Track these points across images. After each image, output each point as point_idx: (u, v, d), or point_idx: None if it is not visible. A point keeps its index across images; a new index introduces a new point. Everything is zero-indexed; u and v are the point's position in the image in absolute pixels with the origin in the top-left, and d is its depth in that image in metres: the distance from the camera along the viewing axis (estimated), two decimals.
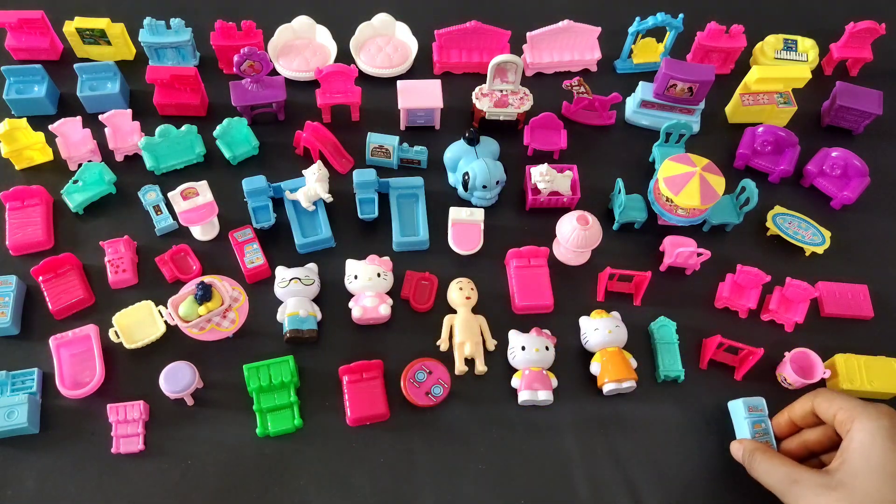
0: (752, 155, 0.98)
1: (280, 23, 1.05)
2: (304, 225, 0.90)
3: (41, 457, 0.75)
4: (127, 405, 0.76)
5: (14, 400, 0.75)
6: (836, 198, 0.96)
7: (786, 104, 1.01)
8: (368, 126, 0.97)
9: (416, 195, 0.93)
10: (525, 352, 0.79)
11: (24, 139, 0.91)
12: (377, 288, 0.84)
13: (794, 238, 0.92)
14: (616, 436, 0.79)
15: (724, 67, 1.08)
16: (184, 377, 0.76)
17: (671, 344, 0.83)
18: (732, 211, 0.92)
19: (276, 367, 0.78)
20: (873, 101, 0.99)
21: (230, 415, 0.78)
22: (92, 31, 1.00)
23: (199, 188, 0.87)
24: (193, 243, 0.88)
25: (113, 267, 0.85)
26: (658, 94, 0.98)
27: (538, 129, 0.98)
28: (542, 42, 1.06)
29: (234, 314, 0.80)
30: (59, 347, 0.79)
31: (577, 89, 0.98)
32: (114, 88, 0.97)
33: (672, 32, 1.03)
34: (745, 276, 0.86)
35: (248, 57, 0.91)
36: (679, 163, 0.86)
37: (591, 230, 0.84)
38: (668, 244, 0.89)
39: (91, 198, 0.90)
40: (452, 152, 0.94)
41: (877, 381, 0.80)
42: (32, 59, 1.02)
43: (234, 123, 0.95)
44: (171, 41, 1.00)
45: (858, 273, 0.91)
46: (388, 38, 1.07)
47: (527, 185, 0.93)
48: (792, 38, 1.09)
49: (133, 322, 0.81)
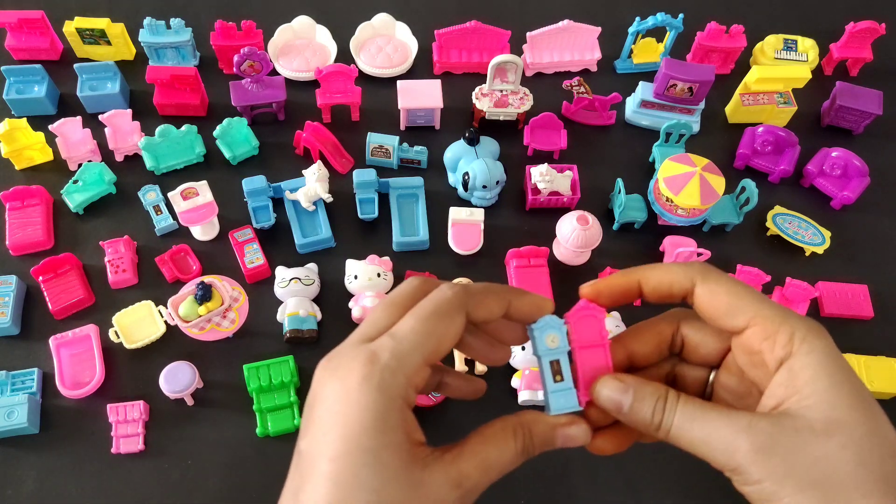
0: (752, 155, 0.98)
1: (280, 23, 1.05)
2: (304, 225, 0.90)
3: (41, 457, 0.75)
4: (127, 405, 0.76)
5: (14, 400, 0.75)
6: (836, 198, 0.96)
7: (786, 104, 1.01)
8: (368, 126, 0.97)
9: (416, 195, 0.93)
10: (525, 352, 0.79)
11: (24, 139, 0.91)
12: (377, 288, 0.84)
13: (794, 238, 0.92)
14: None
15: (724, 67, 1.08)
16: (184, 377, 0.76)
17: None
18: (732, 211, 0.92)
19: (276, 367, 0.78)
20: (873, 101, 0.99)
21: (230, 415, 0.78)
22: (92, 31, 1.00)
23: (199, 188, 0.87)
24: (193, 243, 0.88)
25: (113, 267, 0.85)
26: (658, 94, 0.98)
27: (538, 129, 0.98)
28: (542, 42, 1.06)
29: (234, 314, 0.80)
30: (59, 347, 0.79)
31: (577, 89, 0.98)
32: (114, 88, 0.97)
33: (672, 32, 1.03)
34: (745, 276, 0.86)
35: (248, 57, 0.91)
36: (679, 163, 0.86)
37: (591, 230, 0.84)
38: (668, 244, 0.89)
39: (91, 198, 0.90)
40: (452, 152, 0.94)
41: (877, 381, 0.80)
42: (32, 59, 1.02)
43: (234, 123, 0.95)
44: (171, 41, 1.00)
45: (858, 273, 0.91)
46: (388, 38, 1.07)
47: (527, 185, 0.93)
48: (792, 38, 1.09)
49: (133, 322, 0.81)
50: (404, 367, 0.37)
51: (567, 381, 0.42)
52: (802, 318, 0.39)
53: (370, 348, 0.38)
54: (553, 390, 0.42)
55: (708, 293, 0.40)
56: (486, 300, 0.40)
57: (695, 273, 0.40)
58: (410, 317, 0.39)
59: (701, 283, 0.40)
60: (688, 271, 0.40)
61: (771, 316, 0.38)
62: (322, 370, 0.40)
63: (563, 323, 0.42)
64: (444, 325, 0.38)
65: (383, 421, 0.36)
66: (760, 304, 0.39)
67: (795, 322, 0.38)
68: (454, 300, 0.39)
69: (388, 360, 0.37)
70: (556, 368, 0.43)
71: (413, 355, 0.37)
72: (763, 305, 0.39)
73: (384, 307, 0.40)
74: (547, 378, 0.42)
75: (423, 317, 0.38)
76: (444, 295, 0.39)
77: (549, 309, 0.43)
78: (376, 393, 0.36)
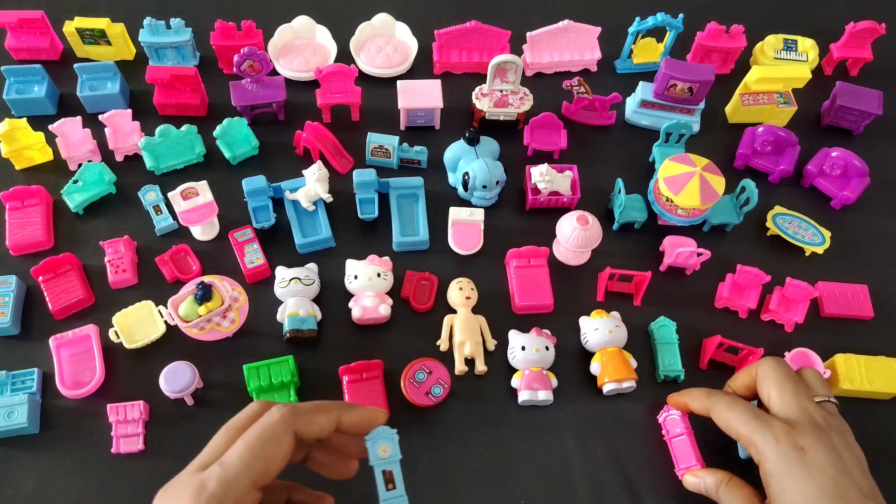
0: (752, 155, 0.98)
1: (280, 23, 1.05)
2: (304, 225, 0.90)
3: (41, 457, 0.75)
4: (127, 405, 0.76)
5: (14, 400, 0.75)
6: (836, 198, 0.96)
7: (786, 104, 1.01)
8: (368, 126, 0.97)
9: (416, 195, 0.93)
10: (525, 352, 0.79)
11: (24, 139, 0.91)
12: (377, 288, 0.84)
13: (794, 238, 0.92)
14: (616, 436, 0.79)
15: (724, 67, 1.08)
16: (184, 377, 0.76)
17: (671, 344, 0.83)
18: (732, 211, 0.92)
19: (276, 367, 0.78)
20: (873, 101, 0.99)
21: (230, 415, 0.77)
22: (92, 31, 1.00)
23: (199, 188, 0.87)
24: (193, 243, 0.88)
25: (113, 267, 0.85)
26: (658, 94, 0.98)
27: (538, 129, 0.98)
28: (542, 42, 1.06)
29: (234, 314, 0.80)
30: (59, 347, 0.79)
31: (577, 89, 0.98)
32: (114, 88, 0.97)
33: (672, 32, 1.03)
34: (745, 276, 0.86)
35: (248, 57, 0.91)
36: (679, 163, 0.86)
37: (591, 230, 0.84)
38: (668, 244, 0.89)
39: (91, 198, 0.90)
40: (452, 152, 0.94)
41: (877, 381, 0.80)
42: (32, 59, 1.02)
43: (234, 123, 0.95)
44: (171, 41, 1.00)
45: (858, 273, 0.91)
46: (388, 38, 1.07)
47: (527, 185, 0.93)
48: (792, 38, 1.09)
49: (133, 322, 0.81)
50: (231, 493, 0.41)
51: (399, 488, 0.45)
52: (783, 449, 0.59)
53: (199, 478, 0.42)
54: (385, 499, 0.45)
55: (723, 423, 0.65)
56: (315, 418, 0.44)
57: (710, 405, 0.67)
58: (240, 443, 0.42)
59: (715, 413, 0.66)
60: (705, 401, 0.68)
61: None
62: (158, 500, 0.44)
63: (394, 433, 0.46)
64: (270, 447, 0.42)
65: None
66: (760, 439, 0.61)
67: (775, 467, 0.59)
68: (280, 422, 0.42)
69: (215, 489, 0.40)
70: (389, 477, 0.46)
71: (240, 481, 0.41)
72: (743, 425, 0.63)
73: (223, 432, 0.45)
74: (380, 487, 0.45)
75: (249, 442, 0.42)
76: (272, 418, 0.43)
77: (381, 420, 0.47)
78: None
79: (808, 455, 0.58)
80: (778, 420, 0.61)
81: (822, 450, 0.58)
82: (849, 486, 0.56)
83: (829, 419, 0.64)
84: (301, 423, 0.43)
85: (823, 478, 0.56)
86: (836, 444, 0.60)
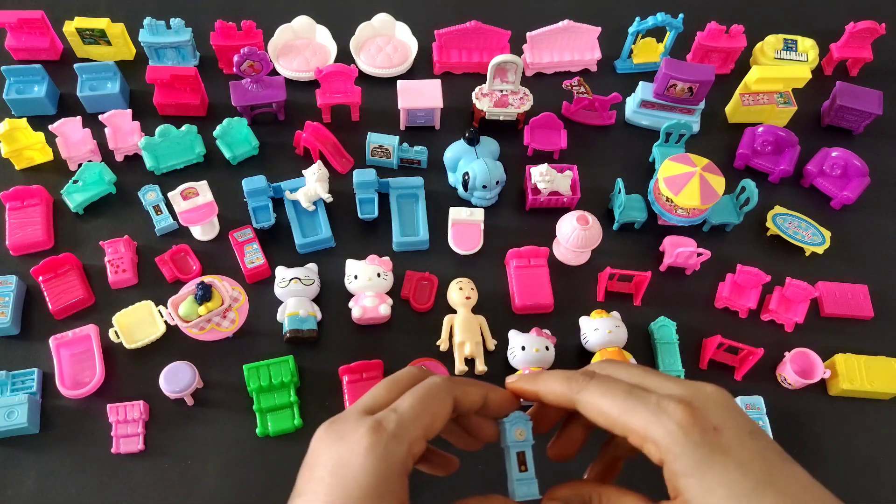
0: (752, 155, 0.98)
1: (280, 23, 1.05)
2: (304, 225, 0.90)
3: (41, 457, 0.75)
4: (127, 405, 0.76)
5: (14, 400, 0.75)
6: (836, 198, 0.96)
7: (786, 104, 1.01)
8: (368, 126, 0.97)
9: (416, 195, 0.93)
10: (525, 352, 0.79)
11: (24, 139, 0.91)
12: (377, 288, 0.84)
13: (794, 238, 0.92)
14: None
15: (724, 67, 1.08)
16: (184, 377, 0.76)
17: (671, 344, 0.83)
18: (732, 211, 0.92)
19: (276, 367, 0.78)
20: (873, 101, 0.99)
21: (230, 415, 0.78)
22: (92, 31, 1.00)
23: (199, 188, 0.87)
24: (193, 243, 0.88)
25: (113, 267, 0.85)
26: (658, 94, 0.98)
27: (538, 129, 0.98)
28: (542, 42, 1.06)
29: (234, 314, 0.80)
30: (59, 347, 0.79)
31: (577, 89, 0.98)
32: (114, 88, 0.97)
33: (672, 32, 1.03)
34: (745, 276, 0.86)
35: (248, 57, 0.91)
36: (679, 163, 0.86)
37: (591, 230, 0.84)
38: (668, 244, 0.89)
39: (91, 198, 0.90)
40: (452, 152, 0.94)
41: (877, 381, 0.80)
42: (32, 59, 1.02)
43: (234, 123, 0.95)
44: (171, 41, 1.00)
45: (858, 273, 0.91)
46: (388, 38, 1.07)
47: (527, 185, 0.93)
48: (792, 38, 1.09)
49: (133, 322, 0.81)
50: (407, 437, 0.41)
51: (530, 471, 0.49)
52: (665, 415, 0.42)
53: (376, 419, 0.42)
54: (518, 479, 0.48)
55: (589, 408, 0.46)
56: (469, 389, 0.45)
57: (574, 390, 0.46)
58: (409, 396, 0.43)
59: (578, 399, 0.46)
60: (569, 386, 0.46)
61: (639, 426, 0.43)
62: (324, 434, 0.44)
63: (528, 419, 0.48)
64: (437, 405, 0.43)
65: (384, 486, 0.39)
66: (629, 416, 0.44)
67: (659, 431, 0.43)
68: (444, 386, 0.44)
69: (394, 430, 0.41)
70: (522, 459, 0.49)
71: (414, 428, 0.42)
72: (631, 416, 0.44)
73: (385, 385, 0.45)
74: (513, 467, 0.48)
75: (420, 396, 0.43)
76: (436, 380, 0.44)
77: (518, 405, 0.49)
78: (380, 459, 0.40)
79: (726, 434, 0.41)
80: (670, 399, 0.43)
81: (737, 419, 0.43)
82: (784, 460, 0.41)
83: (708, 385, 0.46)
84: (459, 391, 0.45)
85: (754, 457, 0.41)
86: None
